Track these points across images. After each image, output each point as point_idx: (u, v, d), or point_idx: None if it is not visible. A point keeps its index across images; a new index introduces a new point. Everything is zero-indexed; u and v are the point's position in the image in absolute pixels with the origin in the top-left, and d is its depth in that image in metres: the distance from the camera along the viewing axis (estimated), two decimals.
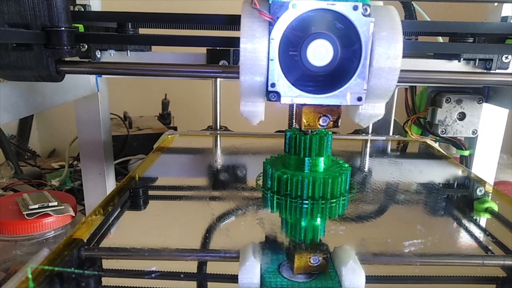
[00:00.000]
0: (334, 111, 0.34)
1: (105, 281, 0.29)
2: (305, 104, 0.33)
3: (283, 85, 0.32)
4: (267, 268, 0.28)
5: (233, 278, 0.27)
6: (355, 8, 0.30)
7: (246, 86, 0.32)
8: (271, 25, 0.31)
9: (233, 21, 0.43)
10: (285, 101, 0.32)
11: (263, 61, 0.31)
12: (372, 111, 0.34)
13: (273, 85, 0.32)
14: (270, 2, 0.30)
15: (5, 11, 0.34)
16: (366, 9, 0.30)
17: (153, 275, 0.29)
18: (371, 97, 0.33)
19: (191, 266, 0.31)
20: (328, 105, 0.33)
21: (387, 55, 0.31)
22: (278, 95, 0.32)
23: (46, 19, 0.35)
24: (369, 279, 0.27)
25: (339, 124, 0.35)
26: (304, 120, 0.35)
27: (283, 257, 0.29)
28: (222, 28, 0.45)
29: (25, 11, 0.35)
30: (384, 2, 0.34)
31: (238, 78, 0.32)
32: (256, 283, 0.26)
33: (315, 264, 0.27)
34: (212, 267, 0.30)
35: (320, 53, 0.30)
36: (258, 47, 0.31)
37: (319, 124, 0.35)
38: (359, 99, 0.32)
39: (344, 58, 0.31)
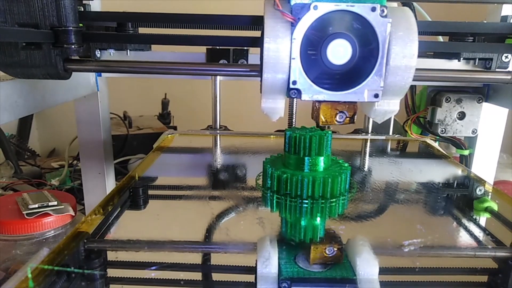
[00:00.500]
0: (350, 108, 0.36)
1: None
2: (324, 101, 0.35)
3: (303, 83, 0.33)
4: (283, 258, 0.29)
5: (249, 270, 0.28)
6: (373, 9, 0.31)
7: (268, 83, 0.34)
8: (293, 25, 0.32)
9: (233, 21, 0.43)
10: (305, 98, 0.34)
11: (285, 60, 0.32)
12: (388, 107, 0.36)
13: (294, 82, 0.33)
14: (292, 3, 0.32)
15: (15, 11, 0.35)
16: (383, 10, 0.31)
17: (153, 269, 0.29)
18: (387, 94, 0.34)
19: (195, 259, 0.32)
20: (345, 102, 0.35)
21: (403, 54, 0.32)
22: (298, 92, 0.33)
23: (55, 19, 0.36)
24: (383, 270, 0.28)
25: (355, 120, 0.36)
26: (321, 116, 0.36)
27: (299, 249, 0.30)
28: (222, 27, 0.45)
29: (34, 11, 0.36)
30: (396, 3, 0.35)
31: (238, 75, 0.33)
32: (274, 272, 0.27)
33: (330, 255, 0.29)
34: (217, 260, 0.31)
35: (339, 52, 0.32)
36: (280, 47, 0.32)
37: (336, 120, 0.36)
38: (376, 95, 0.33)
39: (362, 57, 0.32)
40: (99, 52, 0.56)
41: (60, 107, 0.55)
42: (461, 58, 0.56)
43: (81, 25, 0.38)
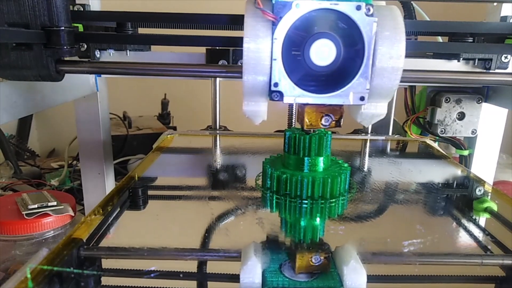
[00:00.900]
0: (336, 111, 0.34)
1: (105, 280, 0.29)
2: (307, 104, 0.34)
3: (286, 84, 0.32)
4: (268, 267, 0.28)
5: (234, 278, 0.27)
6: (358, 8, 0.30)
7: (249, 85, 0.32)
8: (274, 25, 0.31)
9: (233, 21, 0.42)
10: (287, 101, 0.32)
11: (266, 61, 0.31)
12: (375, 110, 0.35)
13: (276, 84, 0.32)
14: (273, 2, 0.30)
15: (5, 10, 0.34)
16: (369, 9, 0.30)
17: (152, 275, 0.29)
18: (373, 97, 0.33)
19: (191, 266, 0.31)
20: (330, 105, 0.34)
21: (390, 55, 0.31)
22: (281, 94, 0.32)
23: (46, 19, 0.35)
24: (370, 278, 0.27)
25: (341, 123, 0.35)
26: (306, 120, 0.35)
27: (285, 257, 0.29)
28: (222, 28, 0.45)
29: (25, 10, 0.35)
30: (384, 1, 0.34)
31: (237, 77, 0.32)
32: (257, 282, 0.26)
33: (317, 264, 0.27)
34: (213, 267, 0.30)
35: (323, 52, 0.30)
36: (261, 47, 0.31)
37: (321, 124, 0.35)
38: (362, 98, 0.32)
39: (347, 57, 0.31)
40: (98, 52, 0.56)
41: (60, 108, 0.55)
42: (461, 59, 0.56)
43: (77, 25, 0.38)
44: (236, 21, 0.42)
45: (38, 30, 0.35)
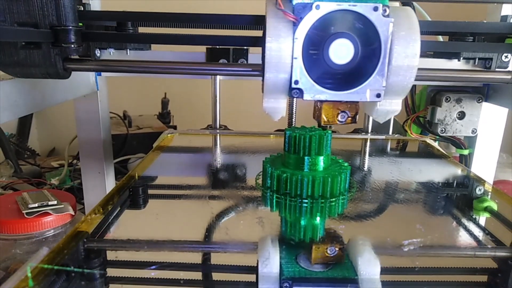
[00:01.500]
0: (352, 108, 0.36)
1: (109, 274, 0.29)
2: (325, 101, 0.35)
3: (305, 82, 0.33)
4: (285, 258, 0.29)
5: (251, 270, 0.28)
6: (375, 9, 0.31)
7: (270, 83, 0.33)
8: (295, 25, 0.32)
9: (233, 20, 0.42)
10: (307, 98, 0.33)
11: (288, 60, 0.32)
12: (390, 107, 0.36)
13: (296, 82, 0.33)
14: (294, 3, 0.32)
15: (14, 10, 0.35)
16: (385, 10, 0.31)
17: (153, 267, 0.29)
18: (389, 94, 0.34)
19: (196, 259, 0.32)
20: (347, 102, 0.35)
21: (405, 54, 0.32)
22: (301, 92, 0.33)
23: (54, 18, 0.36)
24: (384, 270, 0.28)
25: (357, 119, 0.36)
26: (323, 116, 0.36)
27: (299, 249, 0.30)
28: (222, 27, 0.45)
29: (34, 10, 0.35)
30: (398, 2, 0.35)
31: (238, 75, 0.32)
32: (275, 272, 0.27)
33: (332, 255, 0.29)
34: (216, 259, 0.31)
35: (341, 51, 0.32)
36: (283, 46, 0.32)
37: (338, 120, 0.36)
38: (378, 95, 0.33)
39: (364, 56, 0.32)
40: (98, 52, 0.56)
41: (60, 107, 0.55)
42: (461, 58, 0.56)
43: (80, 24, 0.38)
44: (237, 21, 0.42)
45: (47, 30, 0.36)
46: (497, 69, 0.54)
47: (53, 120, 1.30)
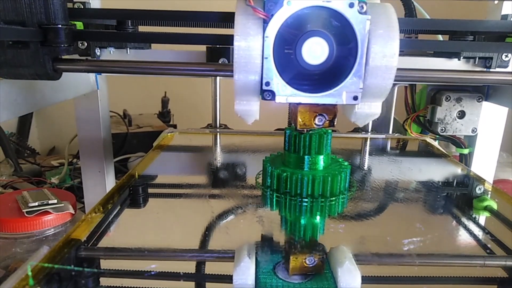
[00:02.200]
0: (330, 110, 0.34)
1: (104, 281, 0.29)
2: (300, 103, 0.33)
3: (277, 83, 0.31)
4: (262, 268, 0.27)
5: (230, 279, 0.26)
6: (351, 5, 0.29)
7: (240, 84, 0.32)
8: (265, 22, 0.30)
9: (233, 19, 0.42)
10: (279, 100, 0.32)
11: (257, 59, 0.30)
12: (369, 110, 0.34)
13: (267, 83, 0.31)
14: None
15: (0, 8, 0.34)
16: (362, 7, 0.29)
17: (152, 273, 0.29)
18: (367, 96, 0.32)
19: (189, 266, 0.31)
20: (323, 104, 0.33)
21: (383, 54, 0.30)
22: (272, 94, 0.31)
23: (43, 16, 0.34)
24: (367, 279, 0.27)
25: (335, 123, 0.35)
26: (299, 119, 0.34)
27: (279, 257, 0.29)
28: (221, 25, 0.44)
29: (21, 8, 0.34)
30: None
31: None
32: (250, 284, 0.26)
33: (311, 265, 0.27)
34: (211, 267, 0.30)
35: (315, 51, 0.30)
36: (252, 45, 0.30)
37: (315, 124, 0.34)
38: (355, 98, 0.32)
39: (340, 56, 0.30)
40: (99, 51, 0.56)
41: (60, 105, 0.55)
42: (461, 57, 0.56)
43: (77, 23, 0.37)
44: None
45: (35, 28, 0.35)
46: (497, 69, 0.54)
47: (53, 119, 1.30)
